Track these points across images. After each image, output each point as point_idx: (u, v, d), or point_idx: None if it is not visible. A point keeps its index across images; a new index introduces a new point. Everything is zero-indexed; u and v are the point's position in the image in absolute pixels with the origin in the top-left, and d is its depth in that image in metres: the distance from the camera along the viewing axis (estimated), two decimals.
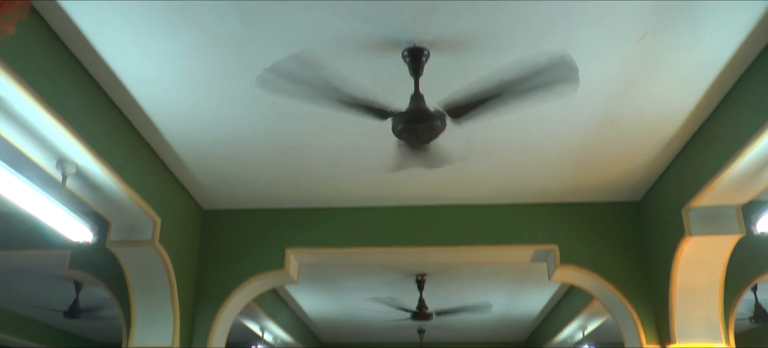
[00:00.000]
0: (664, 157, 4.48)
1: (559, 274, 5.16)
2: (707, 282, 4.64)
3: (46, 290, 7.41)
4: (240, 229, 5.30)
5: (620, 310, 5.12)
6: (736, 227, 4.28)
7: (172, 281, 4.70)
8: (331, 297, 7.96)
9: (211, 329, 5.05)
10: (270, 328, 7.95)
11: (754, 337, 9.61)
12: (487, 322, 9.45)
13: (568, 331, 8.19)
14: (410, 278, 6.88)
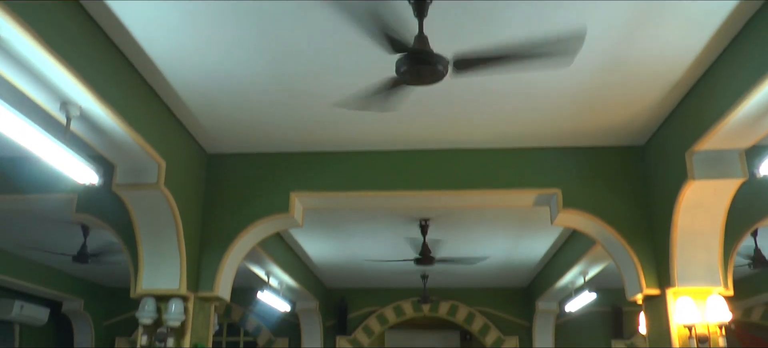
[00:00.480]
0: (668, 101, 4.46)
1: (561, 218, 5.20)
2: (708, 226, 4.67)
3: (54, 235, 7.51)
4: (244, 172, 5.33)
5: (621, 254, 5.18)
6: (739, 171, 4.30)
7: (178, 224, 4.76)
8: (335, 242, 8.06)
9: (218, 272, 5.13)
10: (275, 272, 8.07)
11: (752, 282, 9.72)
12: (489, 268, 9.57)
13: (569, 277, 8.30)
14: (414, 223, 6.94)
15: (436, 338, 12.38)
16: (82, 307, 10.66)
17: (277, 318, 11.33)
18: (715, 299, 4.74)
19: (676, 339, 4.78)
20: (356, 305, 11.45)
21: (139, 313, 4.81)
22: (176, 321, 4.78)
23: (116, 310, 11.43)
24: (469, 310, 11.35)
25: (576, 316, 11.13)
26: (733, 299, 10.01)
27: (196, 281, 5.12)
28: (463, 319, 11.37)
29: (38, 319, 10.05)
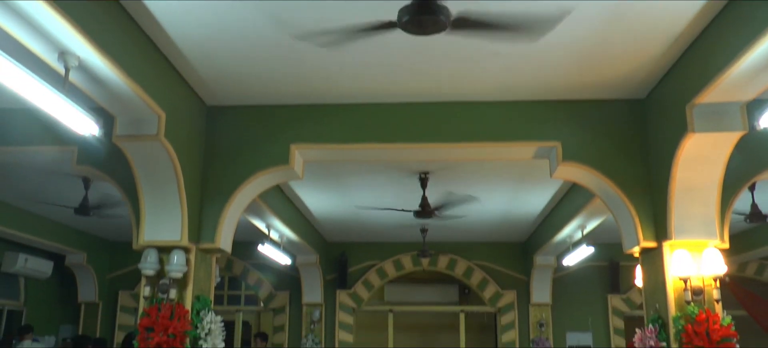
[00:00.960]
0: (670, 54, 4.44)
1: (561, 172, 5.22)
2: (706, 179, 4.70)
3: (56, 187, 7.55)
4: (244, 125, 5.33)
5: (619, 208, 5.22)
6: (739, 124, 4.30)
7: (178, 176, 4.78)
8: (335, 195, 8.10)
9: (219, 224, 5.17)
10: (276, 226, 8.14)
11: (747, 237, 9.81)
12: (488, 222, 9.63)
13: (567, 231, 8.37)
14: (413, 176, 6.96)
15: (435, 292, 12.54)
16: (85, 261, 10.77)
17: (277, 272, 11.47)
18: (710, 252, 4.79)
19: (671, 291, 4.85)
20: (356, 259, 11.57)
21: (141, 264, 4.87)
22: (178, 272, 4.84)
23: (119, 263, 11.55)
24: (467, 265, 11.48)
25: (573, 270, 11.26)
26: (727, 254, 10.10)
27: (198, 233, 5.16)
28: (461, 273, 11.51)
29: (42, 272, 10.16)
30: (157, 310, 4.73)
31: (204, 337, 4.93)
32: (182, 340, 4.73)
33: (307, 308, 11.24)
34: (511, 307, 11.36)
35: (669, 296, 4.83)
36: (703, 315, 4.67)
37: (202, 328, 4.93)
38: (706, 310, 4.70)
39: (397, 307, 11.93)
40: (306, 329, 11.17)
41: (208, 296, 5.24)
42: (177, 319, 4.72)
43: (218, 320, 5.10)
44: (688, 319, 4.69)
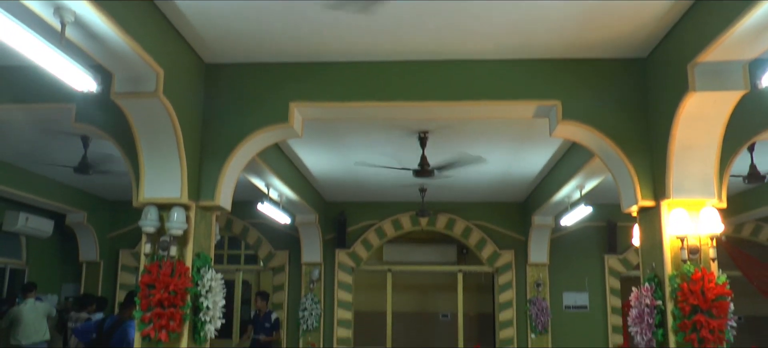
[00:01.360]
0: (672, 13, 4.40)
1: (560, 130, 5.21)
2: (706, 138, 4.69)
3: (55, 145, 7.54)
4: (243, 82, 5.30)
5: (618, 167, 5.23)
6: (741, 83, 4.28)
7: (177, 134, 4.77)
8: (334, 154, 8.10)
9: (218, 182, 5.18)
10: (275, 184, 8.16)
11: (744, 198, 9.85)
12: (486, 182, 9.66)
13: (565, 191, 8.40)
14: (413, 136, 6.95)
15: (434, 252, 12.65)
16: (86, 220, 10.82)
17: (277, 231, 11.54)
18: (708, 211, 4.82)
19: (668, 250, 4.89)
20: (355, 219, 11.64)
21: (141, 221, 4.89)
22: (178, 230, 4.87)
23: (120, 223, 11.61)
24: (466, 224, 11.55)
25: (571, 230, 11.34)
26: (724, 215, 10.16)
27: (197, 191, 5.18)
28: (460, 233, 11.58)
29: (43, 231, 10.22)
30: (158, 267, 4.78)
31: (205, 294, 4.99)
32: (183, 296, 4.79)
33: (307, 267, 11.34)
34: (508, 267, 11.47)
35: (666, 255, 4.87)
36: (699, 274, 4.72)
37: (202, 285, 4.99)
38: (702, 269, 4.75)
39: (396, 266, 12.04)
40: (305, 288, 11.30)
41: (209, 254, 5.28)
42: (178, 276, 4.77)
43: (219, 277, 5.15)
44: (683, 278, 4.74)
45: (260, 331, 9.81)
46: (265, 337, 9.80)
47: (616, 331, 11.22)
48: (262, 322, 9.89)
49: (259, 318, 9.90)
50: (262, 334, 9.79)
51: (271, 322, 9.89)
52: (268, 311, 10.04)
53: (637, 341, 5.09)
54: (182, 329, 4.82)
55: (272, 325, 9.89)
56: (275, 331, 9.94)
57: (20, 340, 8.58)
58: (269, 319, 9.90)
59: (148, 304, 4.76)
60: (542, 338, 11.07)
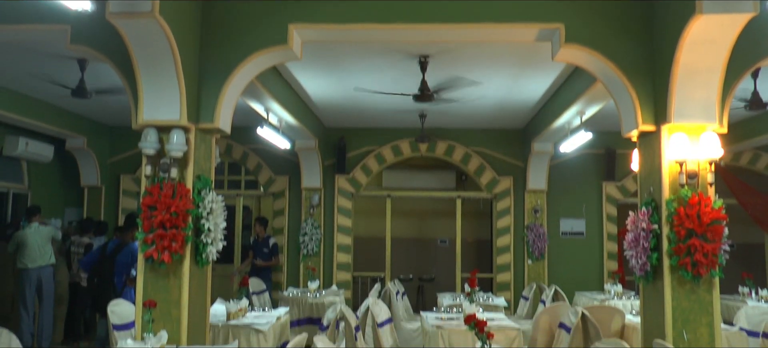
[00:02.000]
0: None
1: (563, 54, 5.15)
2: (710, 62, 4.64)
3: (51, 69, 7.45)
4: (242, 3, 5.19)
5: (620, 91, 5.20)
6: (750, 5, 4.19)
7: (175, 55, 4.71)
8: (334, 79, 8.03)
9: (217, 104, 5.16)
10: (275, 109, 8.12)
11: (743, 126, 9.84)
12: (486, 108, 9.62)
13: (566, 117, 8.37)
14: (413, 60, 6.87)
15: (433, 178, 12.72)
16: (86, 145, 10.83)
17: (277, 156, 11.57)
18: (708, 135, 4.82)
19: (666, 174, 4.92)
20: (355, 144, 11.65)
21: (141, 143, 4.89)
22: (178, 151, 4.88)
23: (120, 148, 11.62)
24: (465, 151, 11.57)
25: (570, 157, 11.37)
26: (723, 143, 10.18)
27: (197, 113, 5.16)
28: (459, 159, 11.62)
29: (44, 156, 10.25)
30: (159, 189, 4.81)
31: (206, 216, 5.04)
32: (185, 218, 4.84)
33: (307, 193, 11.43)
34: (507, 194, 11.56)
35: (664, 179, 4.90)
36: (696, 198, 4.76)
37: (203, 207, 5.03)
38: (699, 194, 4.79)
39: (395, 192, 12.14)
40: (305, 213, 11.42)
41: (209, 176, 5.31)
42: (179, 197, 4.81)
43: (219, 200, 5.19)
44: (680, 202, 4.79)
45: (259, 256, 10.03)
46: (263, 261, 10.01)
47: (612, 257, 11.42)
48: (261, 247, 10.09)
49: (258, 243, 10.09)
50: (261, 258, 10.00)
51: (270, 247, 10.10)
52: (267, 236, 10.22)
53: (632, 264, 5.18)
54: (184, 251, 4.90)
55: (271, 250, 10.09)
56: (274, 256, 10.14)
57: (26, 263, 8.74)
58: (267, 244, 10.10)
59: (149, 226, 4.82)
60: (539, 264, 11.28)
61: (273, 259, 10.16)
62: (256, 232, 10.35)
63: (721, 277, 4.84)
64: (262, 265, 10.04)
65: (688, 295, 4.86)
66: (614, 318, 6.52)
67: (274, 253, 10.19)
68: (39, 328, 8.96)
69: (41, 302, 8.94)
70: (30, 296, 8.82)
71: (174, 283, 4.94)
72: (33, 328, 8.92)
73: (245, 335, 5.85)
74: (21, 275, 8.79)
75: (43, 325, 8.95)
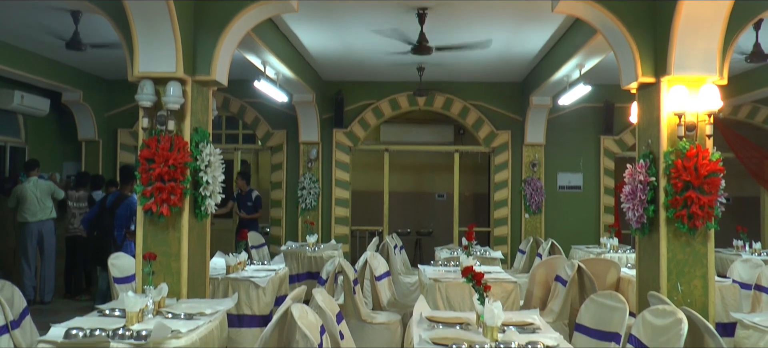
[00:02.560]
0: None
1: (563, 6, 5.09)
2: (712, 13, 4.59)
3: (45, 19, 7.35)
4: None
5: (620, 43, 5.15)
6: None
7: (170, 5, 4.64)
8: (331, 32, 7.94)
9: (213, 56, 5.11)
10: (272, 62, 8.04)
11: (743, 79, 9.79)
12: (485, 61, 9.54)
13: (565, 70, 8.31)
14: (411, 12, 6.78)
15: (431, 132, 12.70)
16: (82, 98, 10.75)
17: (274, 110, 11.52)
18: (708, 88, 4.79)
19: (665, 127, 4.91)
20: (352, 98, 11.59)
21: (138, 95, 4.85)
22: (175, 104, 4.84)
23: (116, 101, 11.55)
24: (463, 104, 11.52)
25: (568, 111, 11.32)
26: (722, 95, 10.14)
27: (193, 65, 5.11)
28: (457, 113, 11.58)
29: (40, 109, 10.19)
30: (157, 142, 4.79)
31: (204, 168, 5.04)
32: (183, 171, 4.83)
33: (304, 147, 11.42)
34: (504, 147, 11.56)
35: (662, 132, 4.89)
36: (694, 150, 4.77)
37: (201, 160, 5.02)
38: (697, 146, 4.79)
39: (393, 146, 12.13)
40: (303, 167, 11.43)
41: (207, 129, 5.29)
42: (177, 150, 4.80)
43: (217, 152, 5.18)
44: (678, 155, 4.80)
45: (243, 209, 10.09)
46: (248, 214, 10.07)
47: (608, 211, 11.49)
48: (244, 200, 10.13)
49: (242, 197, 10.14)
50: (245, 212, 10.07)
51: (253, 200, 10.13)
52: (250, 190, 10.26)
53: (629, 217, 5.22)
54: (183, 204, 4.91)
55: (254, 203, 10.13)
56: (258, 209, 10.18)
57: (27, 217, 8.78)
58: (250, 197, 10.14)
59: (148, 179, 4.81)
60: (535, 218, 11.35)
61: (258, 212, 10.20)
62: (239, 186, 10.41)
63: (717, 230, 4.88)
64: (247, 218, 10.08)
65: (684, 248, 4.90)
66: (610, 271, 6.59)
67: (258, 206, 10.21)
68: (41, 281, 9.05)
69: (43, 256, 9.01)
70: (31, 250, 8.89)
71: (173, 236, 4.96)
72: (35, 282, 9.01)
73: (245, 288, 5.91)
74: (22, 229, 8.84)
75: (46, 278, 9.04)
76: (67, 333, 3.57)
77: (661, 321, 3.75)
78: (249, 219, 10.06)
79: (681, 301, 4.78)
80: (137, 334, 3.58)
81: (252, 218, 10.12)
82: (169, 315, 4.15)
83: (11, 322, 4.30)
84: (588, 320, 4.40)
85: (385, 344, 5.74)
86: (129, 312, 3.91)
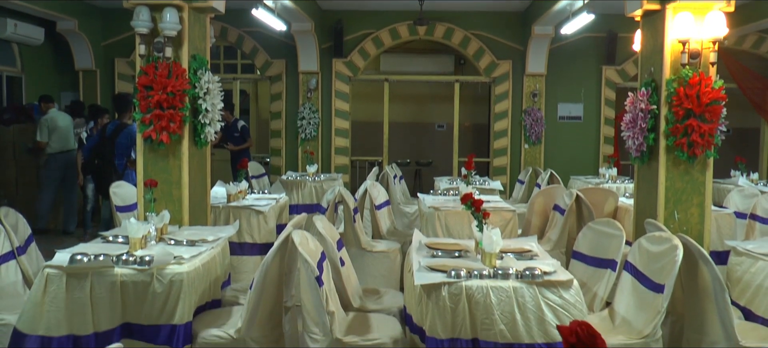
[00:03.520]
0: None
1: None
2: None
3: None
4: None
5: None
6: None
7: None
8: None
9: None
10: None
11: (749, 8, 9.61)
12: None
13: None
14: None
15: (431, 62, 12.57)
16: (77, 27, 10.59)
17: (273, 40, 11.35)
18: (714, 14, 4.70)
19: (668, 54, 4.84)
20: (352, 28, 11.41)
21: (133, 21, 4.76)
22: (172, 30, 4.76)
23: (113, 30, 11.38)
24: (464, 34, 11.36)
25: (570, 41, 11.17)
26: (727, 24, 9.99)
27: None
28: (458, 42, 11.43)
29: (34, 38, 10.05)
30: (154, 69, 4.74)
31: (203, 96, 5.00)
32: (182, 98, 4.80)
33: (304, 77, 11.32)
34: (505, 78, 11.46)
35: (665, 59, 4.83)
36: (697, 78, 4.72)
37: (200, 87, 4.98)
38: (701, 73, 4.74)
39: (393, 76, 12.02)
40: (303, 97, 11.36)
41: (205, 57, 5.22)
42: (175, 77, 4.75)
43: (216, 80, 5.14)
44: (681, 82, 4.75)
45: (230, 140, 10.01)
46: (236, 145, 10.02)
47: (608, 141, 11.49)
48: (231, 131, 10.04)
49: (228, 128, 10.03)
50: (233, 143, 10.00)
51: (239, 130, 10.05)
52: (235, 120, 10.16)
53: (629, 145, 5.22)
54: (182, 131, 4.90)
55: (241, 133, 10.05)
56: (246, 139, 10.10)
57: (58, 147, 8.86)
58: (236, 127, 10.03)
59: (146, 106, 4.79)
60: (535, 148, 11.37)
61: (247, 141, 10.13)
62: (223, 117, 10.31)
63: (716, 158, 4.89)
64: (236, 149, 10.02)
65: (682, 176, 4.92)
66: (608, 200, 6.63)
67: (246, 136, 10.13)
68: (66, 212, 9.20)
69: (67, 186, 9.10)
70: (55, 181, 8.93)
71: (174, 164, 4.97)
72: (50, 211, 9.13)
73: (246, 216, 5.97)
74: (49, 160, 8.85)
75: (70, 209, 9.17)
76: (72, 258, 3.62)
77: (656, 247, 3.80)
78: (238, 150, 9.98)
79: (677, 229, 4.83)
80: (141, 260, 3.63)
81: (241, 149, 10.03)
82: (172, 241, 4.21)
83: (17, 248, 4.37)
84: (585, 247, 4.46)
85: (384, 272, 5.84)
86: (132, 238, 3.96)
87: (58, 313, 3.51)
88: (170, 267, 3.64)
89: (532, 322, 3.43)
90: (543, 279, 3.49)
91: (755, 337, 3.67)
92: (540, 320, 3.43)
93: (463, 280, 3.46)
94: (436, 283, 3.44)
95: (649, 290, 3.74)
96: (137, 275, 3.59)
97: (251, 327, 3.68)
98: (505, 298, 3.43)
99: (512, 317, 3.42)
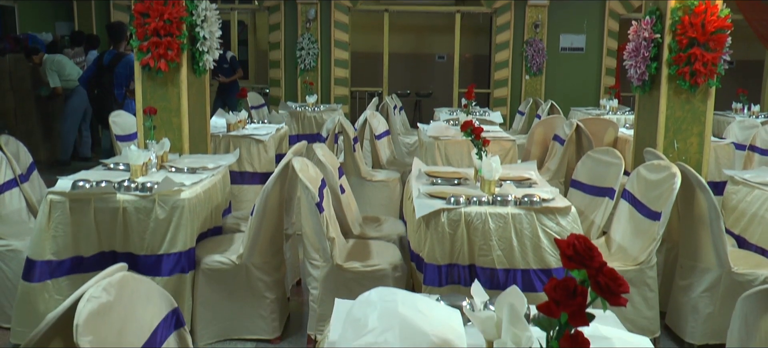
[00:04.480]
0: None
1: None
2: None
3: None
4: None
5: None
6: None
7: None
8: None
9: None
10: None
11: None
12: None
13: None
14: None
15: None
16: None
17: None
18: None
19: None
20: None
21: None
22: None
23: None
24: None
25: None
26: None
27: None
28: None
29: None
30: None
31: (200, 23, 4.92)
32: (179, 25, 4.72)
33: (302, 7, 11.13)
34: (507, 8, 11.27)
35: None
36: (702, 6, 4.64)
37: (197, 14, 4.90)
38: (707, 2, 4.66)
39: (393, 6, 11.81)
40: (302, 28, 11.20)
41: None
42: (172, 4, 4.67)
43: (213, 7, 5.05)
44: (686, 11, 4.67)
45: (221, 73, 9.88)
46: (227, 77, 9.90)
47: (610, 73, 11.40)
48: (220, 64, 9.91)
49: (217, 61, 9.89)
50: (223, 75, 9.88)
51: (228, 62, 9.90)
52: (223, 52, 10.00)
53: (630, 74, 5.17)
54: (181, 59, 4.84)
55: (230, 64, 9.91)
56: (236, 70, 9.98)
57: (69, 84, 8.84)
58: (226, 59, 9.87)
59: (143, 34, 4.72)
60: (536, 79, 11.29)
61: (236, 73, 10.02)
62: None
63: (718, 87, 4.86)
64: (227, 81, 9.92)
65: (683, 106, 4.90)
66: (607, 130, 6.63)
67: (235, 67, 10.01)
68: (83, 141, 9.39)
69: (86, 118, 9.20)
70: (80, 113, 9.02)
71: (173, 92, 4.94)
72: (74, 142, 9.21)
73: (246, 145, 5.98)
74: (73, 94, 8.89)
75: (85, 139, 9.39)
76: (74, 184, 3.65)
77: (654, 175, 3.83)
78: (229, 82, 9.87)
79: (676, 158, 4.84)
80: (142, 186, 3.65)
81: (232, 81, 9.92)
82: (173, 169, 4.23)
83: (20, 176, 4.40)
84: (583, 176, 4.49)
85: (384, 201, 5.89)
86: (133, 165, 3.97)
87: (65, 237, 3.56)
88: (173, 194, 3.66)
89: (528, 249, 3.48)
90: (541, 206, 3.51)
91: (747, 264, 3.74)
92: (536, 247, 3.48)
93: (462, 207, 3.48)
94: (435, 210, 3.47)
95: (645, 218, 3.79)
96: (139, 201, 3.62)
97: (253, 253, 3.74)
98: (502, 224, 3.47)
99: (509, 243, 3.47)
